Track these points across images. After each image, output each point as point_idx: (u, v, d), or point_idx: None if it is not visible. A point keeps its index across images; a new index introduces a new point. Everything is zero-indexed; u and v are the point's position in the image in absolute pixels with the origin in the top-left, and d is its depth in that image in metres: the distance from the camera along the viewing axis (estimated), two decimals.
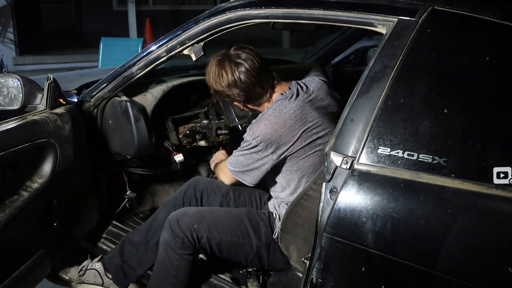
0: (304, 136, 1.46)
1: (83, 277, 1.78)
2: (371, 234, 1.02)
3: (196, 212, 1.60)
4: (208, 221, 1.55)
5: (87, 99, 1.76)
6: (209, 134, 2.06)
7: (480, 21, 1.08)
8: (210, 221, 1.55)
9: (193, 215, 1.56)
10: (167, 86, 1.91)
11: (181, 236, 1.52)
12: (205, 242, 1.53)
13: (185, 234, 1.51)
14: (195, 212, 1.59)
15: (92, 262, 1.80)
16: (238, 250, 1.55)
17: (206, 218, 1.55)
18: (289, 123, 1.45)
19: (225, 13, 1.47)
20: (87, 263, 1.80)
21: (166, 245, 1.55)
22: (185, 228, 1.52)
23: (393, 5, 1.19)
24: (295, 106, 1.47)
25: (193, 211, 1.61)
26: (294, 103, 1.48)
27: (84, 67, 6.51)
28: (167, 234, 1.55)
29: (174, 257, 1.54)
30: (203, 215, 1.57)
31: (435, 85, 1.06)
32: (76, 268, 1.81)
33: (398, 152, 1.03)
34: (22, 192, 1.46)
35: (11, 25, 8.09)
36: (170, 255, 1.54)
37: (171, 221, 1.55)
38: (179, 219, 1.54)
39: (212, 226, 1.54)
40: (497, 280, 0.92)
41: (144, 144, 1.78)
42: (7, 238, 1.41)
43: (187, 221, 1.53)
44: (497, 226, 0.93)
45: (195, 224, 1.53)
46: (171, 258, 1.54)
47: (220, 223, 1.55)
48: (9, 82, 1.55)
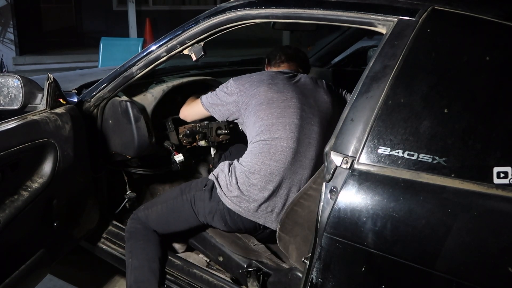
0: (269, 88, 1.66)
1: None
2: (371, 234, 1.03)
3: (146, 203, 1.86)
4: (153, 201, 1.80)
5: (87, 99, 1.76)
6: (209, 134, 2.06)
7: (480, 21, 1.08)
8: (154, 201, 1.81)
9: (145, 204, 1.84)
10: (167, 86, 1.91)
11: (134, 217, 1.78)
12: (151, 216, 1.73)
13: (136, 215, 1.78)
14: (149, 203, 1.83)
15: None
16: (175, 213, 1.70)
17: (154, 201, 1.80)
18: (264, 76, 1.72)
19: (225, 13, 1.48)
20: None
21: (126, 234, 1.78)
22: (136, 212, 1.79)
23: (393, 5, 1.19)
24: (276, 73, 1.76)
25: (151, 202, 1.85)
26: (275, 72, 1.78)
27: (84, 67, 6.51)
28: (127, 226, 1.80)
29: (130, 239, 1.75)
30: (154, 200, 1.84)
31: (435, 85, 1.06)
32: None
33: (398, 152, 1.03)
34: (22, 192, 1.46)
35: (11, 25, 8.09)
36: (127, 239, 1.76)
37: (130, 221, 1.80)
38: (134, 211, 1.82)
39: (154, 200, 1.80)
40: (497, 280, 0.92)
41: (144, 144, 1.78)
42: (7, 238, 1.41)
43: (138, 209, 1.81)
44: (497, 226, 0.93)
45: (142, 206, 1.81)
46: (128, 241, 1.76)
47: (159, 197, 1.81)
48: (9, 82, 1.55)
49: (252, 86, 1.68)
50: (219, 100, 1.74)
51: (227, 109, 1.73)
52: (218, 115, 1.77)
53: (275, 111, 1.61)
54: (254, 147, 1.61)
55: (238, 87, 1.69)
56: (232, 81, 1.73)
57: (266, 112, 1.62)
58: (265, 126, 1.60)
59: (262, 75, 1.73)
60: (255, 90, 1.66)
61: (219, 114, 1.77)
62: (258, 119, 1.62)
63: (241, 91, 1.68)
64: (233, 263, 1.67)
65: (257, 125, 1.63)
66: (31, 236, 1.54)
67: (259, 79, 1.70)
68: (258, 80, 1.69)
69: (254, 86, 1.67)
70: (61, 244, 1.70)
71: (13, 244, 1.46)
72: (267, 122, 1.60)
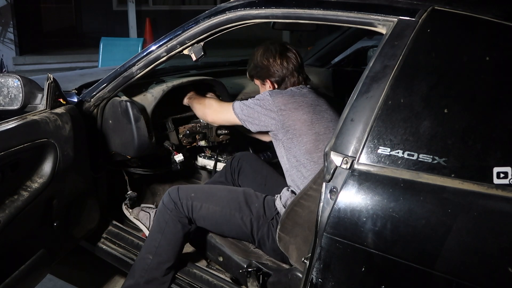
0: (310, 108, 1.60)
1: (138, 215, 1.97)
2: (371, 234, 1.02)
3: (196, 185, 1.80)
4: (205, 192, 1.70)
5: (87, 99, 1.76)
6: (209, 134, 2.06)
7: (480, 21, 1.08)
8: (207, 192, 1.71)
9: (193, 186, 1.75)
10: (167, 86, 1.91)
11: (177, 200, 1.66)
12: (198, 210, 1.65)
13: (180, 201, 1.66)
14: (195, 185, 1.79)
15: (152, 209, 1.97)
16: (229, 223, 1.65)
17: (204, 189, 1.73)
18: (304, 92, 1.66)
19: (225, 13, 1.47)
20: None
21: (162, 207, 1.69)
22: (183, 195, 1.67)
23: (393, 5, 1.19)
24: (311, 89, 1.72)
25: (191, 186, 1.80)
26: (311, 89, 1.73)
27: (84, 67, 6.52)
28: (166, 198, 1.69)
29: (166, 216, 1.67)
30: (202, 187, 1.75)
31: (435, 85, 1.06)
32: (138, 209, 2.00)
33: (398, 152, 1.03)
34: (22, 192, 1.46)
35: (11, 25, 8.09)
36: (163, 214, 1.68)
37: (172, 189, 1.70)
38: (180, 188, 1.70)
39: (207, 196, 1.68)
40: (497, 280, 0.92)
41: (144, 144, 1.78)
42: (7, 238, 1.41)
43: (186, 190, 1.69)
44: (497, 226, 0.93)
45: (192, 193, 1.68)
46: (164, 217, 1.68)
47: (215, 194, 1.69)
48: (9, 82, 1.55)
49: (295, 108, 1.60)
50: (256, 114, 1.64)
51: (264, 125, 1.64)
52: (253, 128, 1.68)
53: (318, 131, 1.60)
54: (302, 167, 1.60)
55: (279, 106, 1.60)
56: (270, 98, 1.62)
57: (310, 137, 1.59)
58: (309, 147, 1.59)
59: (305, 97, 1.65)
60: (298, 114, 1.60)
61: (254, 128, 1.68)
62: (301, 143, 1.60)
63: (282, 111, 1.60)
64: (233, 263, 1.67)
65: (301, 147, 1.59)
66: (31, 236, 1.54)
67: (301, 100, 1.63)
68: (301, 102, 1.62)
69: (297, 109, 1.60)
70: (61, 244, 1.70)
71: (13, 244, 1.46)
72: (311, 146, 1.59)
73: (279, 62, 1.72)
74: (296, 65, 1.73)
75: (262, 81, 1.78)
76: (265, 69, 1.74)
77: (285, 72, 1.72)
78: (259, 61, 1.75)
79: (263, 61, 1.74)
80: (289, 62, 1.72)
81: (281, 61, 1.72)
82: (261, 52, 1.75)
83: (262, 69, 1.75)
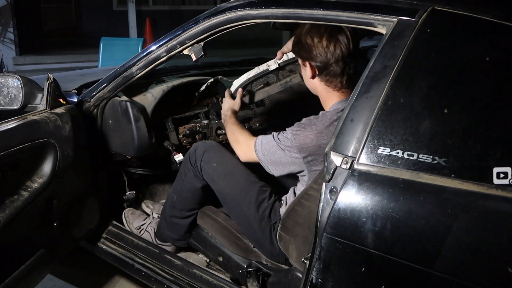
0: None
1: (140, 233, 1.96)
2: (371, 234, 1.02)
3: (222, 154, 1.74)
4: (226, 169, 1.70)
5: (87, 99, 1.76)
6: (209, 134, 2.06)
7: (480, 21, 1.08)
8: (227, 170, 1.70)
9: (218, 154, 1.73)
10: (167, 86, 1.91)
11: (199, 163, 1.71)
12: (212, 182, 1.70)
13: (201, 165, 1.70)
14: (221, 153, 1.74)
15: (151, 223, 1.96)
16: (234, 209, 1.69)
17: (227, 166, 1.71)
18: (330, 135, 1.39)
19: (225, 13, 1.47)
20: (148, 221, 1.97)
21: (187, 157, 1.76)
22: (205, 161, 1.70)
23: (393, 5, 1.19)
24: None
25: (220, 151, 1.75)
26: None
27: (84, 67, 6.51)
28: (191, 152, 1.75)
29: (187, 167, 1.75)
30: (226, 161, 1.72)
31: (435, 85, 1.06)
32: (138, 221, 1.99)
33: (398, 152, 1.03)
34: (22, 192, 1.46)
35: (11, 25, 8.08)
36: (186, 164, 1.76)
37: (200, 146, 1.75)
38: (206, 151, 1.72)
39: (226, 174, 1.69)
40: (497, 280, 0.92)
41: (144, 144, 1.78)
42: (7, 238, 1.41)
43: (210, 157, 1.71)
44: (497, 226, 0.93)
45: (214, 163, 1.70)
46: (186, 166, 1.76)
47: (234, 175, 1.69)
48: (9, 82, 1.55)
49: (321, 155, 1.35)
50: (277, 162, 1.51)
51: (287, 171, 1.53)
52: (275, 174, 1.56)
53: None
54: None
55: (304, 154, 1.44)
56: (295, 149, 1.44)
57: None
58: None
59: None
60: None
61: (276, 174, 1.56)
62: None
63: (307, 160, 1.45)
64: (233, 263, 1.68)
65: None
66: (31, 236, 1.54)
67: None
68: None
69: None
70: (61, 244, 1.70)
71: (13, 244, 1.46)
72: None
73: (325, 45, 1.44)
74: (346, 52, 1.44)
75: (303, 61, 1.53)
76: (307, 49, 1.47)
77: (330, 57, 1.44)
78: (303, 37, 1.48)
79: (307, 39, 1.46)
80: (337, 47, 1.43)
81: (327, 44, 1.43)
82: (308, 27, 1.47)
83: (304, 48, 1.48)
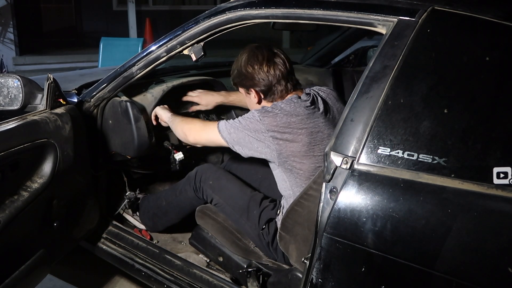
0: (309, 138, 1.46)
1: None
2: (371, 234, 1.03)
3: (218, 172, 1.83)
4: (221, 184, 1.77)
5: (87, 99, 1.76)
6: None
7: (480, 21, 1.08)
8: (222, 185, 1.77)
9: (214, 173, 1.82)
10: (167, 86, 1.91)
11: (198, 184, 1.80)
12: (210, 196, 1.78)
13: (201, 184, 1.80)
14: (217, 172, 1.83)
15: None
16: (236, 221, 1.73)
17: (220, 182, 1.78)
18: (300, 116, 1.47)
19: (225, 13, 1.47)
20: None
21: (187, 179, 1.86)
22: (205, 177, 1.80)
23: (393, 5, 1.19)
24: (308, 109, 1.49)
25: (215, 170, 1.84)
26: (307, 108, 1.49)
27: (84, 67, 6.52)
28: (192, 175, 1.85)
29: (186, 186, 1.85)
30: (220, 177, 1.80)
31: (435, 85, 1.06)
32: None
33: (398, 152, 1.03)
34: (22, 192, 1.46)
35: (11, 25, 8.09)
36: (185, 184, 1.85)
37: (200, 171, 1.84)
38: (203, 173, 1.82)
39: (221, 189, 1.76)
40: (497, 280, 0.92)
41: (144, 144, 1.78)
42: (7, 238, 1.41)
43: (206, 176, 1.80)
44: (497, 226, 0.93)
45: (210, 181, 1.78)
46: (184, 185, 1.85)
47: (230, 189, 1.76)
48: (9, 82, 1.55)
49: (292, 136, 1.45)
50: (247, 138, 1.49)
51: (258, 151, 1.50)
52: (244, 153, 1.53)
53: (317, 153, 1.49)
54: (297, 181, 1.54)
55: (273, 133, 1.45)
56: (262, 125, 1.46)
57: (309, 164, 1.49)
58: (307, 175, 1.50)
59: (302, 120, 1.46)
60: (295, 143, 1.46)
61: (245, 153, 1.53)
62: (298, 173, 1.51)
63: (277, 139, 1.45)
64: (233, 263, 1.68)
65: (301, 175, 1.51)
66: (31, 236, 1.54)
67: (298, 127, 1.46)
68: (298, 128, 1.46)
69: (295, 136, 1.45)
70: (61, 244, 1.70)
71: (13, 244, 1.46)
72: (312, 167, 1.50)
73: (265, 70, 1.53)
74: (284, 72, 1.54)
75: (247, 90, 1.62)
76: (249, 77, 1.56)
77: (272, 80, 1.54)
78: (243, 68, 1.57)
79: (248, 68, 1.56)
80: (276, 69, 1.54)
81: (267, 69, 1.53)
82: (246, 58, 1.57)
83: (247, 77, 1.57)
